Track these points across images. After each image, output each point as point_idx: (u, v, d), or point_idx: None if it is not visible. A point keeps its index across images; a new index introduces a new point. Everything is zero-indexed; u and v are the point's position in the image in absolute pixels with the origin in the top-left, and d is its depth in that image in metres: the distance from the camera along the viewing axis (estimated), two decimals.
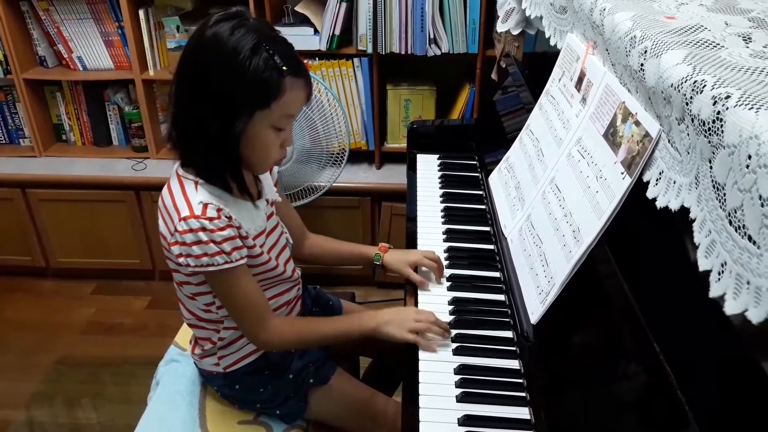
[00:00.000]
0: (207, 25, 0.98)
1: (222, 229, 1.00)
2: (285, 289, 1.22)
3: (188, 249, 1.00)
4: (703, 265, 0.60)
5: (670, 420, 0.68)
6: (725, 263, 0.56)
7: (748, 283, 0.53)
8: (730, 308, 0.54)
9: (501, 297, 1.20)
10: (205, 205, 1.00)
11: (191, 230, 0.99)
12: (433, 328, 1.08)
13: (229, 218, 1.02)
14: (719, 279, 0.57)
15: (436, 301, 1.20)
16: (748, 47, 0.70)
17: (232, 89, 0.96)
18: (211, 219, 1.00)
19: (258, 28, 0.97)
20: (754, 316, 0.52)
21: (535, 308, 1.02)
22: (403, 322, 1.09)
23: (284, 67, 0.97)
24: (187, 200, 1.02)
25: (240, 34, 0.95)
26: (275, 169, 1.24)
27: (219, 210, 1.01)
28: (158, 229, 1.08)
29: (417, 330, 1.08)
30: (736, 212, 0.55)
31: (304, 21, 2.23)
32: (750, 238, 0.53)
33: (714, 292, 0.57)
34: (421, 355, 1.08)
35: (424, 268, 1.26)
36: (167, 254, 1.08)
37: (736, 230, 0.55)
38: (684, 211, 0.68)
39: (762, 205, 0.51)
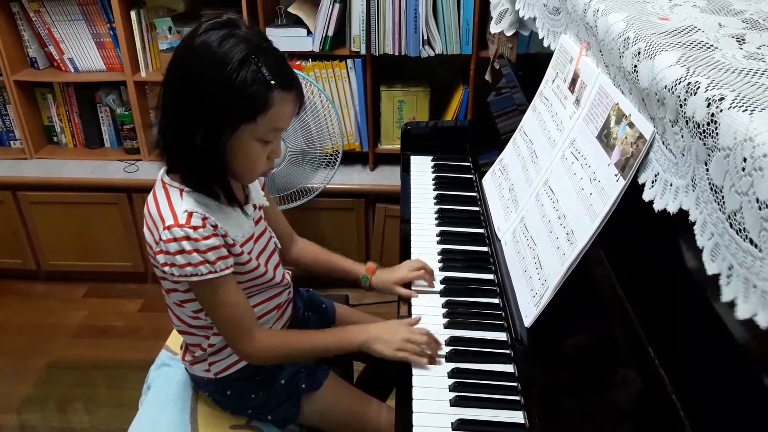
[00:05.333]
0: (196, 33, 0.96)
1: (207, 238, 0.99)
2: (275, 294, 1.21)
3: (172, 258, 0.99)
4: (710, 268, 0.59)
5: (664, 423, 0.67)
6: (732, 266, 0.55)
7: (754, 286, 0.52)
8: (742, 313, 0.53)
9: (495, 300, 1.19)
10: (190, 214, 0.99)
11: (175, 239, 0.98)
12: (426, 351, 1.06)
13: (215, 227, 1.01)
14: (729, 283, 0.56)
15: (429, 303, 1.20)
16: (741, 48, 0.70)
17: (218, 101, 0.94)
18: (195, 228, 0.98)
19: (248, 39, 0.95)
20: (763, 321, 0.51)
21: (529, 311, 1.01)
22: (393, 341, 1.08)
23: (272, 81, 0.94)
24: (172, 209, 1.00)
25: (229, 45, 0.93)
26: None
27: (204, 219, 0.99)
28: (144, 237, 1.06)
29: (407, 351, 1.06)
30: (735, 215, 0.54)
31: (297, 22, 2.22)
32: (752, 242, 0.52)
33: (726, 296, 0.56)
34: None
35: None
36: (154, 262, 1.06)
37: (737, 233, 0.54)
38: (680, 213, 0.67)
39: (760, 209, 0.50)
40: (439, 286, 1.24)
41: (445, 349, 1.09)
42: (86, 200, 2.41)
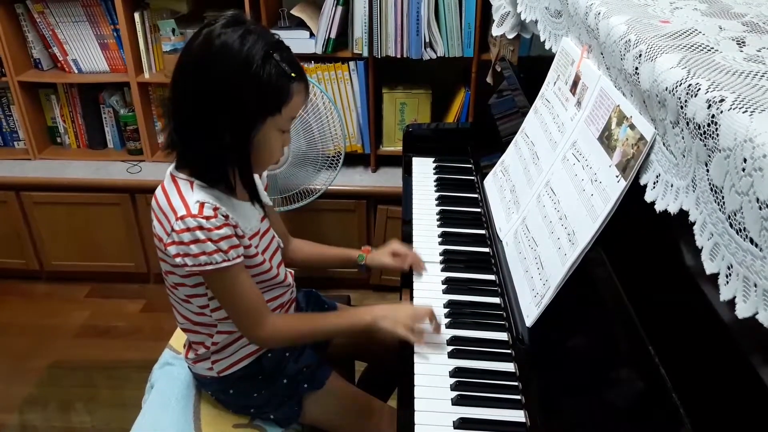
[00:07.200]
0: (214, 35, 0.97)
1: (219, 227, 1.01)
2: (279, 294, 1.22)
3: (186, 248, 1.00)
4: (709, 268, 0.59)
5: (665, 422, 0.68)
6: (731, 266, 0.56)
7: (755, 285, 0.52)
8: (741, 311, 0.54)
9: (496, 300, 1.20)
10: (202, 204, 1.01)
11: (188, 229, 0.99)
12: (429, 329, 1.11)
13: (226, 217, 1.02)
14: (728, 282, 0.56)
15: (431, 303, 1.20)
16: (741, 51, 0.71)
17: (248, 98, 0.98)
18: (208, 218, 1.00)
19: (263, 35, 0.99)
20: (765, 319, 0.51)
21: (531, 311, 1.02)
22: (399, 318, 1.11)
23: (292, 74, 1.00)
24: (184, 200, 1.02)
25: (249, 43, 0.96)
26: (264, 173, 1.24)
27: (215, 209, 1.01)
28: (153, 231, 1.08)
29: (412, 329, 1.10)
30: (735, 215, 0.55)
31: (300, 24, 2.23)
32: (752, 241, 0.53)
33: (724, 295, 0.57)
34: (417, 358, 1.08)
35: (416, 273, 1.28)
36: (162, 256, 1.08)
37: (737, 233, 0.55)
38: (680, 213, 0.68)
39: (760, 208, 0.51)
40: (441, 286, 1.25)
41: (447, 349, 1.09)
42: (89, 201, 2.42)
